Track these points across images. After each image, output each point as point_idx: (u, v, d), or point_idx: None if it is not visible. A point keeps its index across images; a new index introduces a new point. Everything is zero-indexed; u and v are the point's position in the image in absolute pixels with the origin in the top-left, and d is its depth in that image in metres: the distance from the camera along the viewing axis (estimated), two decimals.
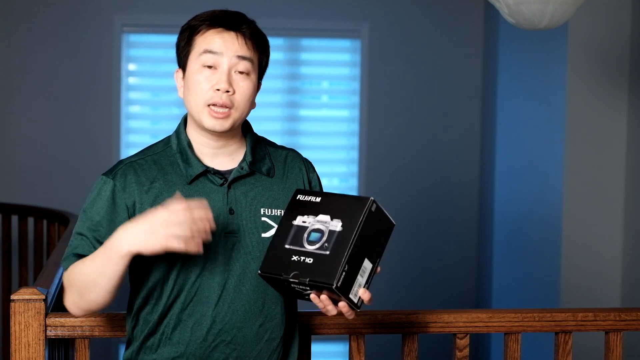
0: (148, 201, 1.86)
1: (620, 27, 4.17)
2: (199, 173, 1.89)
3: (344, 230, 1.76)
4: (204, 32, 1.87)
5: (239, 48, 1.86)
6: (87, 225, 1.87)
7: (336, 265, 1.73)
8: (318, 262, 1.75)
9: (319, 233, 1.78)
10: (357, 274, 1.76)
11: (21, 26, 5.24)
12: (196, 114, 1.87)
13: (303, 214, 1.82)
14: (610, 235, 4.24)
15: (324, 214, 1.80)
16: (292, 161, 2.00)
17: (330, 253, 1.75)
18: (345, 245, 1.74)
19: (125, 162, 1.91)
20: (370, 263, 1.79)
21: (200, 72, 1.86)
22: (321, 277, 1.73)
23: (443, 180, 5.66)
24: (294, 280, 1.76)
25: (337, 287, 1.72)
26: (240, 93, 1.87)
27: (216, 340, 1.87)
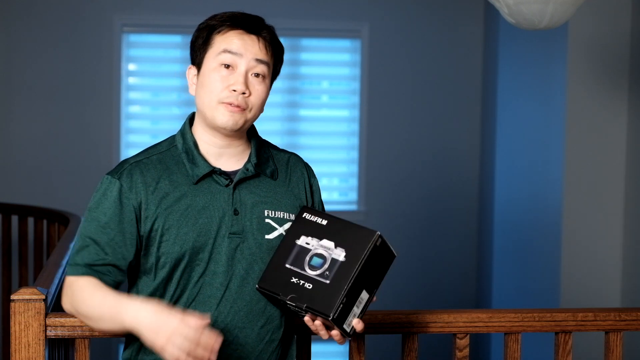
0: (154, 201, 1.86)
1: (620, 27, 4.17)
2: (205, 173, 1.89)
3: (347, 261, 1.77)
4: (225, 32, 1.87)
5: (258, 51, 1.87)
6: (95, 227, 1.86)
7: (335, 297, 1.74)
8: (317, 290, 1.76)
9: (321, 259, 1.79)
10: (353, 305, 1.78)
11: (21, 26, 5.24)
12: (209, 111, 1.87)
13: (307, 235, 1.83)
14: (610, 235, 4.24)
15: (328, 239, 1.81)
16: (294, 165, 2.01)
17: (331, 282, 1.76)
18: (347, 278, 1.75)
19: (131, 161, 1.91)
20: (367, 294, 1.81)
21: (217, 71, 1.86)
22: (319, 306, 1.75)
23: (443, 180, 5.66)
24: (290, 303, 1.78)
25: (333, 318, 1.74)
26: (255, 96, 1.88)
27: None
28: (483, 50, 5.60)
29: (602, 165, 4.24)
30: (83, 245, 1.87)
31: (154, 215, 1.86)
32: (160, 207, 1.86)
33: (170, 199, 1.86)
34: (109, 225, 1.85)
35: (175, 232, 1.85)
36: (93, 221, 1.87)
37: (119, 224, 1.85)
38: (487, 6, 5.45)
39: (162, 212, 1.86)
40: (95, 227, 1.86)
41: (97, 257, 1.85)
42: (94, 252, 1.85)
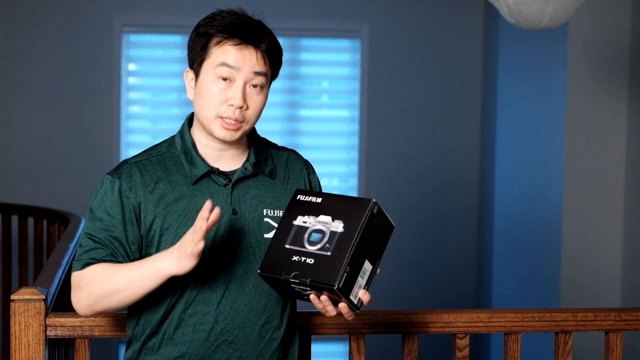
0: (152, 201, 1.87)
1: (620, 27, 4.17)
2: (203, 173, 1.89)
3: (345, 231, 1.76)
4: (222, 44, 1.85)
5: (255, 64, 1.85)
6: (98, 226, 1.87)
7: (338, 266, 1.73)
8: (319, 263, 1.75)
9: (320, 234, 1.78)
10: (357, 276, 1.76)
11: (21, 26, 5.24)
12: (206, 123, 1.87)
13: (304, 214, 1.82)
14: (610, 235, 4.24)
15: (325, 215, 1.80)
16: (293, 162, 2.01)
17: (332, 254, 1.75)
18: (347, 247, 1.74)
19: (130, 161, 1.91)
20: (371, 264, 1.79)
21: (214, 84, 1.85)
22: (323, 278, 1.73)
23: (443, 180, 5.66)
24: (294, 281, 1.75)
25: (338, 287, 1.72)
26: (252, 108, 1.87)
27: (218, 340, 1.87)
28: (483, 50, 5.60)
29: (602, 165, 4.24)
30: (87, 244, 1.87)
31: (153, 215, 1.86)
32: (159, 208, 1.86)
33: (169, 200, 1.87)
34: (111, 224, 1.86)
35: (174, 232, 1.85)
36: (96, 221, 1.87)
37: (121, 223, 1.86)
38: (487, 6, 5.45)
39: (160, 213, 1.86)
40: (98, 227, 1.87)
41: (102, 253, 1.85)
42: (99, 250, 1.85)
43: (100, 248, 1.85)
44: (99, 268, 1.84)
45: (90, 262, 1.85)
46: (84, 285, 1.85)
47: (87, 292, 1.85)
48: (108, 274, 1.83)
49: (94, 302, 1.85)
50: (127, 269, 1.82)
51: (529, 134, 4.86)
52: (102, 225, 1.86)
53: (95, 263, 1.85)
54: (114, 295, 1.83)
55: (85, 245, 1.87)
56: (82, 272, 1.86)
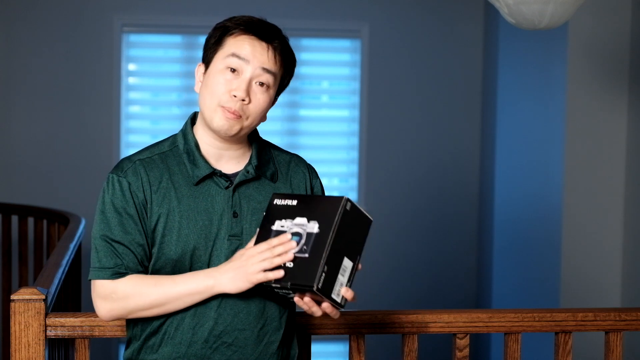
0: (156, 201, 1.87)
1: (620, 27, 4.17)
2: (205, 175, 1.89)
3: (320, 231, 1.76)
4: (236, 36, 1.86)
5: (266, 60, 1.86)
6: (110, 227, 1.85)
7: (315, 267, 1.73)
8: (298, 266, 1.75)
9: (297, 236, 1.78)
10: (337, 274, 1.76)
11: (21, 26, 5.24)
12: (207, 112, 1.87)
13: (281, 218, 1.82)
14: (610, 235, 4.24)
15: (300, 217, 1.80)
16: (295, 166, 2.01)
17: (310, 256, 1.75)
18: (323, 246, 1.74)
19: (134, 159, 1.91)
20: (351, 261, 1.79)
21: (222, 73, 1.86)
22: (302, 280, 1.74)
23: (443, 180, 5.66)
24: (276, 285, 1.77)
25: (318, 288, 1.72)
26: (254, 104, 1.87)
27: (217, 341, 1.87)
28: (483, 50, 5.60)
29: (602, 165, 4.24)
30: (104, 247, 1.86)
31: (157, 215, 1.86)
32: (162, 208, 1.86)
33: (171, 200, 1.87)
34: (127, 224, 1.85)
35: (177, 233, 1.85)
36: (108, 221, 1.86)
37: (136, 222, 1.85)
38: (487, 6, 5.45)
39: (163, 213, 1.86)
40: (113, 227, 1.86)
41: (122, 255, 1.85)
42: (118, 252, 1.85)
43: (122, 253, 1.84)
44: (137, 282, 1.84)
45: (120, 272, 1.84)
46: (119, 299, 1.84)
47: (122, 305, 1.85)
48: (149, 289, 1.83)
49: (127, 313, 1.86)
50: (173, 283, 1.83)
51: (529, 134, 4.86)
52: (117, 226, 1.85)
53: (127, 274, 1.84)
54: (154, 309, 1.84)
55: (102, 250, 1.86)
56: (115, 285, 1.84)
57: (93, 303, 1.90)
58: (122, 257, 1.85)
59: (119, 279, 1.84)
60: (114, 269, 1.84)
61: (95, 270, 1.86)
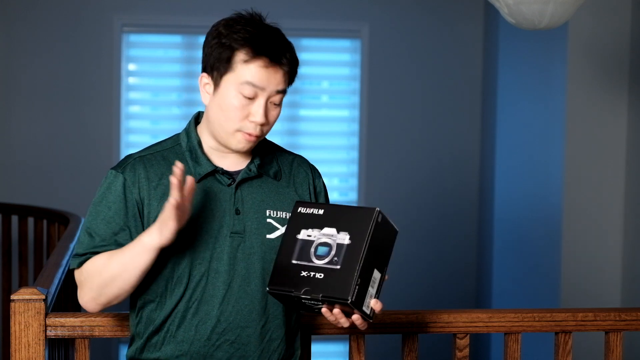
0: (156, 197, 1.87)
1: (620, 27, 4.17)
2: (207, 172, 1.89)
3: (352, 243, 1.75)
4: (249, 63, 1.82)
5: (280, 82, 1.86)
6: (98, 220, 1.87)
7: (349, 280, 1.71)
8: (329, 277, 1.73)
9: (326, 247, 1.76)
10: (368, 286, 1.75)
11: (21, 26, 5.24)
12: (224, 135, 1.87)
13: (307, 227, 1.80)
14: (610, 235, 4.24)
15: (329, 227, 1.78)
16: (298, 166, 2.01)
17: (342, 267, 1.73)
18: (356, 259, 1.73)
19: (135, 156, 1.92)
20: (379, 273, 1.78)
21: (237, 99, 1.84)
22: (335, 293, 1.72)
23: (443, 180, 5.66)
24: (305, 297, 1.75)
25: (352, 301, 1.71)
26: (270, 123, 1.89)
27: (220, 339, 1.87)
28: (483, 50, 5.60)
29: (602, 165, 4.24)
30: (85, 237, 1.88)
31: (156, 211, 1.86)
32: (162, 204, 1.86)
33: None
34: (113, 219, 1.86)
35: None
36: (97, 214, 1.88)
37: (123, 218, 1.86)
38: (487, 6, 5.45)
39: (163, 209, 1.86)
40: (99, 221, 1.87)
41: (99, 244, 1.86)
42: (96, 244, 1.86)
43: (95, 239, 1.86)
44: (96, 259, 1.85)
45: (87, 258, 1.86)
46: (85, 280, 1.87)
47: (89, 285, 1.86)
48: (103, 262, 1.84)
49: (97, 294, 1.86)
50: (120, 253, 1.83)
51: (529, 134, 4.86)
52: (102, 219, 1.87)
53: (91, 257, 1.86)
54: (113, 282, 1.83)
55: (82, 241, 1.88)
56: (81, 269, 1.87)
57: None
58: (98, 250, 1.86)
59: (85, 263, 1.87)
60: (84, 256, 1.87)
61: (72, 257, 1.90)
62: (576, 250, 4.28)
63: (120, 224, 1.86)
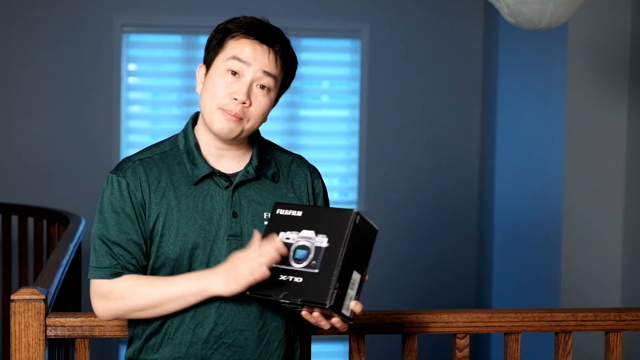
0: (155, 201, 1.87)
1: (620, 27, 4.17)
2: (205, 175, 1.89)
3: (330, 246, 1.74)
4: (238, 38, 1.86)
5: (267, 63, 1.86)
6: (108, 227, 1.86)
7: (327, 284, 1.71)
8: (308, 281, 1.73)
9: (304, 250, 1.76)
10: (347, 288, 1.74)
11: (21, 26, 5.24)
12: (208, 114, 1.88)
13: (285, 230, 1.79)
14: (610, 235, 4.24)
15: (307, 229, 1.77)
16: (297, 167, 2.00)
17: (320, 271, 1.73)
18: (334, 262, 1.72)
19: (134, 159, 1.91)
20: (359, 274, 1.77)
21: (222, 76, 1.86)
22: (313, 297, 1.72)
23: (443, 180, 5.66)
24: (284, 301, 1.75)
25: (330, 306, 1.71)
26: (255, 107, 1.87)
27: (218, 342, 1.87)
28: (483, 50, 5.60)
29: (602, 165, 4.24)
30: (102, 246, 1.87)
31: (156, 214, 1.86)
32: (161, 207, 1.86)
33: (170, 199, 1.87)
34: (124, 225, 1.86)
35: (175, 232, 1.86)
36: (106, 222, 1.87)
37: (134, 222, 1.86)
38: (487, 6, 5.45)
39: (162, 212, 1.86)
40: (110, 228, 1.86)
41: (118, 256, 1.85)
42: (114, 252, 1.85)
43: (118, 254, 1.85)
44: (134, 282, 1.84)
45: (117, 272, 1.85)
46: (115, 299, 1.86)
47: (119, 304, 1.86)
48: (145, 289, 1.84)
49: (125, 313, 1.88)
50: (168, 284, 1.83)
51: (529, 134, 4.86)
52: (114, 226, 1.86)
53: (124, 274, 1.85)
54: (150, 309, 1.85)
55: (99, 250, 1.87)
56: (112, 284, 1.85)
57: (91, 302, 1.91)
58: (118, 258, 1.85)
59: (116, 279, 1.85)
60: (110, 269, 1.85)
61: (93, 269, 1.87)
62: (576, 250, 4.28)
63: (132, 228, 1.86)
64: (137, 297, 1.84)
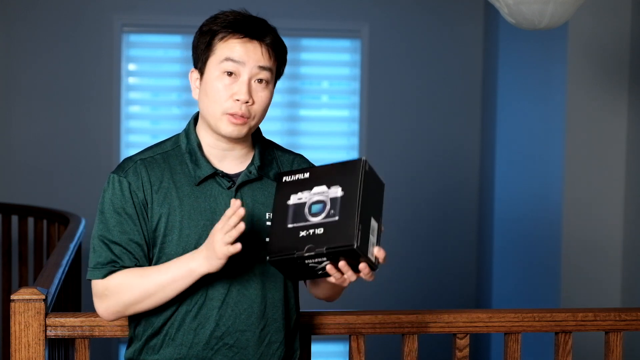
0: (157, 201, 1.86)
1: (620, 27, 4.17)
2: (207, 175, 1.89)
3: (345, 194, 1.73)
4: (227, 39, 1.85)
5: (260, 58, 1.86)
6: (112, 227, 1.86)
7: (351, 226, 1.69)
8: (330, 229, 1.71)
9: (320, 204, 1.75)
10: (369, 233, 1.72)
11: (21, 26, 5.24)
12: (213, 120, 1.87)
13: (296, 192, 1.78)
14: (610, 235, 4.24)
15: (318, 186, 1.77)
16: (298, 166, 2.00)
17: (340, 217, 1.71)
18: (354, 206, 1.71)
19: (136, 159, 1.91)
20: (376, 222, 1.76)
21: (219, 80, 1.85)
22: (339, 242, 1.69)
23: (443, 180, 5.66)
24: (309, 254, 1.71)
25: (357, 246, 1.68)
26: (258, 103, 1.87)
27: (219, 343, 1.87)
28: (483, 50, 5.60)
29: (602, 165, 4.24)
30: (101, 246, 1.87)
31: (158, 215, 1.86)
32: (163, 208, 1.86)
33: (173, 200, 1.86)
34: (125, 225, 1.85)
35: (177, 233, 1.85)
36: (107, 222, 1.87)
37: (136, 223, 1.86)
38: (487, 6, 5.45)
39: (164, 213, 1.86)
40: (111, 228, 1.86)
41: (119, 256, 1.85)
42: (114, 252, 1.85)
43: (119, 254, 1.85)
44: (126, 275, 1.84)
45: (112, 270, 1.85)
46: (111, 295, 1.86)
47: (115, 300, 1.86)
48: (137, 280, 1.83)
49: (124, 308, 1.87)
50: (158, 272, 1.83)
51: (529, 134, 4.86)
52: (115, 226, 1.86)
53: (117, 270, 1.85)
54: (146, 300, 1.84)
55: (98, 250, 1.87)
56: (107, 282, 1.86)
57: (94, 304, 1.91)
58: (119, 258, 1.85)
59: (110, 276, 1.85)
60: (106, 268, 1.85)
61: (91, 270, 1.88)
62: (576, 249, 4.28)
63: (134, 228, 1.85)
64: (130, 289, 1.84)
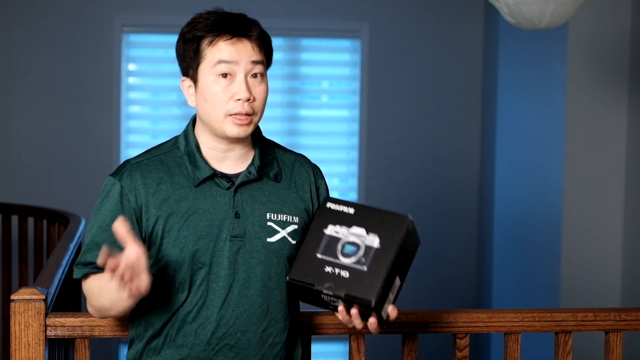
0: (155, 203, 1.86)
1: (620, 27, 4.17)
2: (206, 176, 1.88)
3: (382, 247, 1.74)
4: (214, 43, 1.84)
5: (252, 53, 1.85)
6: (97, 229, 1.88)
7: (376, 283, 1.71)
8: (355, 277, 1.73)
9: (354, 246, 1.76)
10: (389, 292, 1.75)
11: (21, 26, 5.24)
12: (217, 124, 1.86)
13: (335, 224, 1.79)
14: (610, 235, 4.24)
15: (358, 227, 1.78)
16: (300, 166, 1.99)
17: (368, 269, 1.72)
18: (385, 263, 1.72)
19: (132, 162, 1.91)
20: (400, 280, 1.78)
21: (216, 83, 1.84)
22: (359, 293, 1.71)
23: (443, 180, 5.66)
24: (327, 292, 1.73)
25: (375, 304, 1.70)
26: (259, 98, 1.87)
27: (220, 343, 1.87)
28: (483, 50, 5.60)
29: (602, 165, 4.24)
30: (87, 247, 1.88)
31: (155, 217, 1.85)
32: (161, 209, 1.86)
33: (171, 201, 1.86)
34: (110, 227, 1.84)
35: (176, 234, 1.85)
36: (95, 223, 1.88)
37: None
38: (487, 6, 5.45)
39: (162, 215, 1.86)
40: (98, 229, 1.87)
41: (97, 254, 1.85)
42: (95, 253, 1.85)
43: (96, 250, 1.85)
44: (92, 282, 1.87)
45: (91, 272, 1.87)
46: (88, 297, 1.91)
47: (90, 302, 1.91)
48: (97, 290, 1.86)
49: (98, 312, 1.92)
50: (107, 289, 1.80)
51: (529, 134, 4.86)
52: (100, 227, 1.87)
53: (93, 273, 1.86)
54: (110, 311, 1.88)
55: (84, 249, 1.89)
56: (84, 283, 1.90)
57: None
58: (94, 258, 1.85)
59: (89, 278, 1.88)
60: (85, 269, 1.87)
61: (74, 267, 1.90)
62: (576, 250, 4.28)
63: None
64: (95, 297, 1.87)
